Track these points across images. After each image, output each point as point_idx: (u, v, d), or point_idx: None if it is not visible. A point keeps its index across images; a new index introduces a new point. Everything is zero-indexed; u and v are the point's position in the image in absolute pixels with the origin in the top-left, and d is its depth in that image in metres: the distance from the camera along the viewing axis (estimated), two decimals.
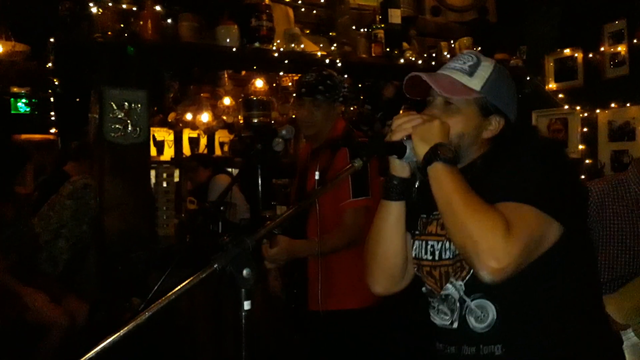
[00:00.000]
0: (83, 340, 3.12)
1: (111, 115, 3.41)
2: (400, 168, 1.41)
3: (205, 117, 7.42)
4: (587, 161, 4.27)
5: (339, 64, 3.87)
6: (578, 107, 4.37)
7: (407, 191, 1.43)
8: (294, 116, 5.11)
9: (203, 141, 9.59)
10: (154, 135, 8.56)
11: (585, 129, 4.34)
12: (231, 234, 1.30)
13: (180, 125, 8.35)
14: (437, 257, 1.38)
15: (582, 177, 4.14)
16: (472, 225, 1.15)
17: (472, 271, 1.27)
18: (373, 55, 4.08)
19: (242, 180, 3.96)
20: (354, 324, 2.44)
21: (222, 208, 2.47)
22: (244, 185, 4.55)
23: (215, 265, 1.17)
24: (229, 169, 6.89)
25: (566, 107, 4.45)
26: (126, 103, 3.43)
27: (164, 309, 1.15)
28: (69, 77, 4.26)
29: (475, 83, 1.37)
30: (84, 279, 3.76)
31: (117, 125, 3.43)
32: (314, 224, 2.46)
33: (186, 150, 9.75)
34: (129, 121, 3.45)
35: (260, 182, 3.65)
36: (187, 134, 9.35)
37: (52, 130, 6.07)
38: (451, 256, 1.33)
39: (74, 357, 1.00)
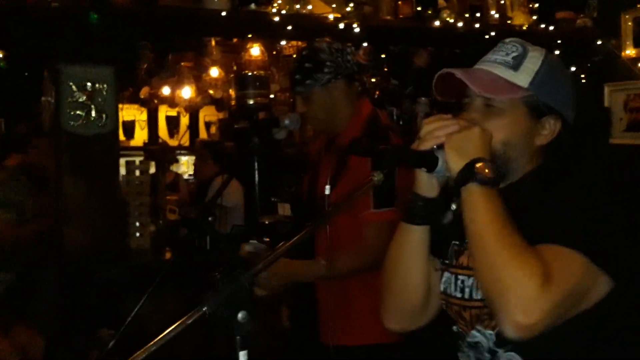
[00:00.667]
0: None
1: (70, 99, 3.49)
2: (427, 185, 1.42)
3: (187, 91, 7.50)
4: None
5: (357, 29, 3.91)
6: None
7: (433, 214, 1.45)
8: None
9: (184, 121, 9.68)
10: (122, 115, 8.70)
11: None
12: (223, 268, 1.35)
13: (155, 101, 8.43)
14: (467, 296, 1.41)
15: None
16: (503, 267, 1.18)
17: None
18: (400, 16, 4.12)
19: (237, 174, 4.04)
20: None
21: (210, 219, 2.52)
22: (241, 180, 4.63)
23: (205, 309, 1.22)
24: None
25: None
26: (89, 83, 3.51)
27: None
28: (17, 49, 4.34)
29: (522, 78, 1.39)
30: (38, 305, 3.85)
31: (78, 112, 3.50)
32: (324, 240, 2.51)
33: (163, 132, 9.86)
34: (92, 106, 3.52)
35: (257, 182, 3.73)
36: (163, 112, 9.45)
37: None
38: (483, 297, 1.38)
39: None
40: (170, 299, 2.76)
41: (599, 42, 4.77)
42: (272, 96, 5.52)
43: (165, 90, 7.54)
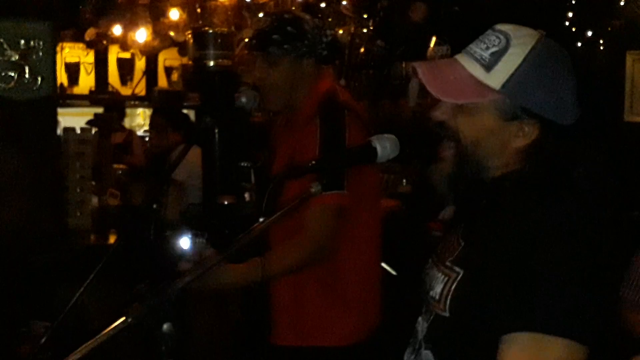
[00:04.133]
0: None
1: (1, 57, 3.72)
2: None
3: (142, 34, 7.71)
4: None
5: None
6: None
7: None
8: None
9: (140, 65, 9.84)
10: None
11: None
12: (148, 282, 1.67)
13: (105, 42, 8.62)
14: (432, 293, 1.66)
15: None
16: None
17: (432, 320, 1.60)
18: None
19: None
20: None
21: (154, 206, 2.79)
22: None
23: (129, 320, 1.53)
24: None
25: None
26: (22, 41, 3.73)
27: None
28: None
29: (495, 80, 1.52)
30: None
31: (9, 73, 3.74)
32: (278, 230, 2.72)
33: (114, 78, 10.01)
34: (26, 67, 3.76)
35: (217, 158, 4.05)
36: (114, 54, 9.61)
37: None
38: (428, 291, 1.64)
39: None
40: (114, 289, 3.00)
41: (622, 3, 4.98)
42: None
43: (117, 30, 7.73)
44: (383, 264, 3.11)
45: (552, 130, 1.55)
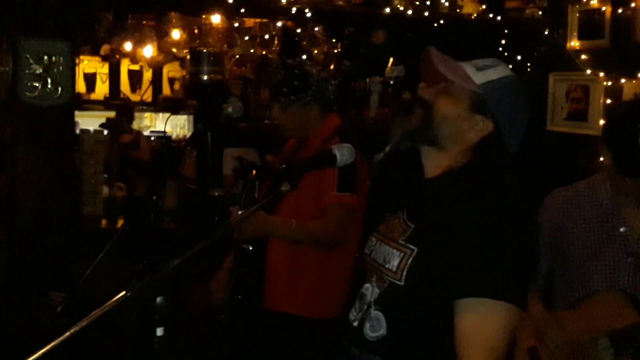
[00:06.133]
0: None
1: (27, 70, 3.72)
2: None
3: (148, 50, 7.69)
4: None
5: (309, 14, 4.19)
6: (602, 74, 4.74)
7: None
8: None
9: (147, 76, 9.82)
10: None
11: (608, 101, 4.72)
12: (146, 261, 1.71)
13: (117, 56, 8.59)
14: (380, 261, 1.74)
15: (602, 158, 4.56)
16: None
17: (386, 287, 1.67)
18: (352, 2, 4.40)
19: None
20: (304, 333, 2.84)
21: (154, 198, 2.84)
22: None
23: (128, 293, 1.57)
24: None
25: (589, 72, 4.82)
26: (46, 56, 3.75)
27: (75, 335, 1.53)
28: None
29: (479, 77, 1.68)
30: None
31: (34, 83, 3.75)
32: (288, 216, 2.83)
33: (125, 87, 9.99)
34: (48, 78, 3.77)
35: (209, 156, 4.07)
36: (126, 66, 9.58)
37: None
38: (383, 264, 1.71)
39: None
40: (119, 266, 3.05)
41: (546, 32, 5.05)
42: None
43: (127, 46, 7.70)
44: None
45: (497, 137, 1.69)
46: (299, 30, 5.39)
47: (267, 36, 6.02)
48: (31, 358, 1.40)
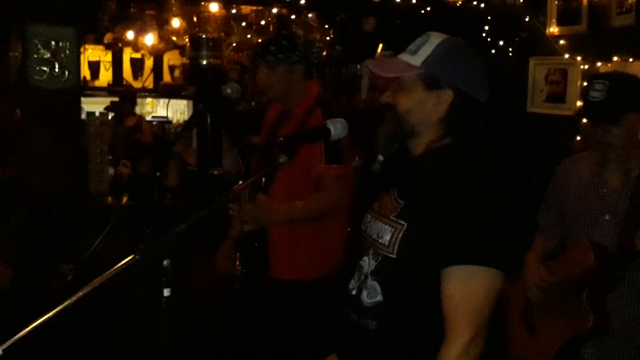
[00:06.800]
0: (6, 309, 3.50)
1: (36, 55, 3.72)
2: None
3: (150, 38, 7.65)
4: (584, 120, 4.70)
5: (302, 1, 4.19)
6: (579, 58, 4.76)
7: None
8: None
9: (148, 63, 9.77)
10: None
11: (585, 83, 4.73)
12: (154, 226, 1.71)
13: (120, 44, 8.54)
14: (374, 236, 1.76)
15: (578, 137, 4.59)
16: None
17: (381, 259, 1.70)
18: None
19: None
20: (307, 295, 2.88)
21: (157, 174, 2.82)
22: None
23: (137, 256, 1.58)
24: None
25: (567, 56, 4.83)
26: (53, 42, 3.74)
27: (87, 296, 1.54)
28: None
29: (417, 59, 1.68)
30: (5, 242, 4.14)
31: (42, 67, 3.74)
32: (281, 193, 2.82)
33: (127, 74, 9.95)
34: (56, 63, 3.77)
35: (209, 136, 4.05)
36: (128, 54, 9.53)
37: None
38: (377, 239, 1.73)
39: None
40: (123, 240, 3.06)
41: (527, 19, 5.05)
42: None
43: (129, 35, 7.67)
44: None
45: (462, 98, 1.68)
46: (293, 17, 5.38)
47: (262, 22, 6.00)
48: (51, 313, 1.42)
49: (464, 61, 1.71)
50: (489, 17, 5.12)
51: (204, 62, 4.60)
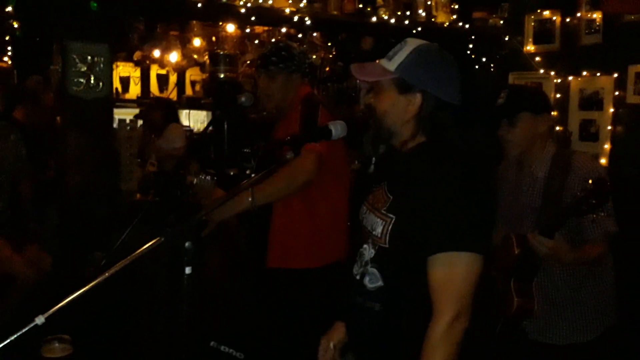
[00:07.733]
0: (49, 292, 3.55)
1: (74, 68, 3.77)
2: None
3: (174, 56, 7.71)
4: (557, 128, 4.74)
5: (308, 22, 4.23)
6: (553, 73, 4.79)
7: None
8: None
9: (173, 79, 9.82)
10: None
11: (558, 95, 4.78)
12: (178, 213, 1.76)
13: (147, 62, 8.60)
14: (369, 228, 1.77)
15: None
16: None
17: (377, 248, 1.71)
18: (345, 12, 4.43)
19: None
20: (303, 284, 2.81)
21: (181, 172, 2.87)
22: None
23: (163, 239, 1.63)
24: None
25: (542, 71, 4.87)
26: (89, 57, 3.79)
27: (119, 273, 1.59)
28: (30, 22, 4.55)
29: (392, 65, 1.68)
30: (46, 232, 4.20)
31: (79, 79, 3.79)
32: None
33: (154, 88, 10.01)
34: (91, 75, 3.82)
35: (226, 140, 4.10)
36: (155, 70, 9.59)
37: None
38: (371, 231, 1.74)
39: (40, 309, 1.35)
40: (150, 231, 3.09)
41: (506, 39, 5.10)
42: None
43: (156, 53, 7.73)
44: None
45: (432, 101, 1.68)
46: (300, 36, 5.43)
47: (273, 40, 6.05)
48: (87, 286, 1.47)
49: (435, 66, 1.68)
50: (472, 37, 5.16)
51: (222, 76, 4.68)
